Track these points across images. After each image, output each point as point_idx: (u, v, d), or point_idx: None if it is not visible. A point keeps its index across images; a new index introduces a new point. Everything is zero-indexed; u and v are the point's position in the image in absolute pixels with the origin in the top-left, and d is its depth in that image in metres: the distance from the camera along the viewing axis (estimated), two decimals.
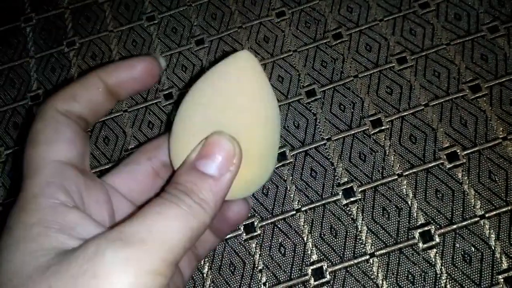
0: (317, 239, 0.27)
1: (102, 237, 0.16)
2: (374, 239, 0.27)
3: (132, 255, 0.15)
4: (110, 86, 0.20)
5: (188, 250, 0.17)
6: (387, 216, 0.27)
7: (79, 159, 0.19)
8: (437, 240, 0.26)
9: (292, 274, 0.27)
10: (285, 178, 0.29)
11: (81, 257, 0.15)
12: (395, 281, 0.26)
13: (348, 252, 0.27)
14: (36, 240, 0.16)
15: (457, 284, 0.25)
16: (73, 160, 0.19)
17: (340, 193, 0.28)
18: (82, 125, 0.20)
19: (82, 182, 0.19)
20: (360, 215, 0.28)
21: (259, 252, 0.28)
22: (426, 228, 0.27)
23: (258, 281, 0.27)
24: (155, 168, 0.21)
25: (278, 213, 0.28)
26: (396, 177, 0.28)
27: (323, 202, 0.28)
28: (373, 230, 0.27)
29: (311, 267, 0.27)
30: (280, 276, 0.27)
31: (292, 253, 0.27)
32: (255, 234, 0.28)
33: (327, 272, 0.27)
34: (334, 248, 0.27)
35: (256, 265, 0.27)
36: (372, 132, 0.30)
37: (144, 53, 0.35)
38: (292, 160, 0.30)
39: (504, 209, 0.27)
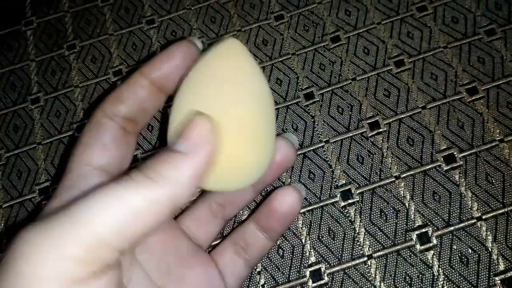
0: (315, 241, 0.28)
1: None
2: (372, 241, 0.27)
3: (48, 240, 0.14)
4: (155, 80, 0.19)
5: (139, 236, 0.15)
6: (384, 218, 0.28)
7: (111, 164, 0.19)
8: (434, 242, 0.27)
9: (291, 276, 0.27)
10: (283, 181, 0.29)
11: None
12: (392, 282, 0.26)
13: (346, 254, 0.27)
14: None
15: (454, 286, 0.25)
16: (104, 166, 0.18)
17: (338, 195, 0.29)
18: (129, 127, 0.19)
19: None
20: (358, 217, 0.28)
21: None
22: (423, 230, 0.27)
23: (257, 283, 0.27)
24: None
25: None
26: (394, 179, 0.28)
27: (321, 204, 0.28)
28: (370, 232, 0.27)
29: (309, 269, 0.27)
30: (279, 278, 0.27)
31: (291, 255, 0.28)
32: None
33: (325, 274, 0.27)
34: (332, 250, 0.27)
35: (255, 267, 0.27)
36: (370, 135, 0.30)
37: (179, 39, 0.35)
38: None
39: (500, 211, 0.27)
